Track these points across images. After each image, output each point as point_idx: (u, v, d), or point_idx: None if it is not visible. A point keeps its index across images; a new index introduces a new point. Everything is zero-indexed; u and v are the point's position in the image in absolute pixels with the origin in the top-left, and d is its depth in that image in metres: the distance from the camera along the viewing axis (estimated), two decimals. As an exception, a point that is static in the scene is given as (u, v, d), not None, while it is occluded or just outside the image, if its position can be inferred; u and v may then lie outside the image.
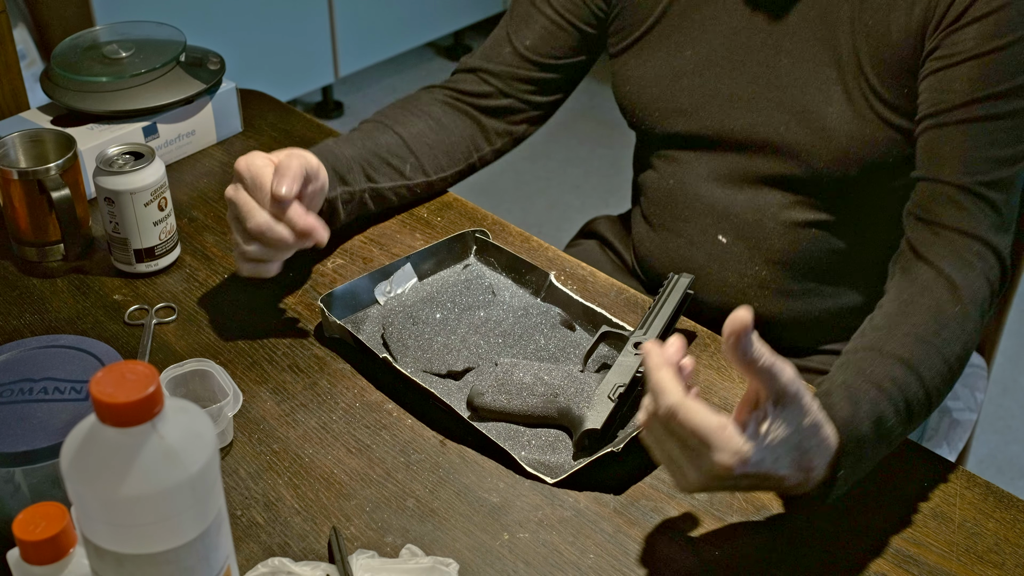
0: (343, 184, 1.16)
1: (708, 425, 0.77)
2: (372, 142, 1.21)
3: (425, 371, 1.04)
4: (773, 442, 0.79)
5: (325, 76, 3.21)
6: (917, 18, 1.04)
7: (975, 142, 1.01)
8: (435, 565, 0.83)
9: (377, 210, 1.23)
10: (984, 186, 1.00)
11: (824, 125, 1.10)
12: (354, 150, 1.18)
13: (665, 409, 0.78)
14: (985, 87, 1.00)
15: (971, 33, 1.00)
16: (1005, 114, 1.00)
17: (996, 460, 2.21)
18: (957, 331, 0.95)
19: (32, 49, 2.58)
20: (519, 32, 1.25)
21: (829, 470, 0.84)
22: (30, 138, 1.21)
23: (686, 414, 0.78)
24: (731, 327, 0.76)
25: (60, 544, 0.72)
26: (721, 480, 0.80)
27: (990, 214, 1.00)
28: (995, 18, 0.99)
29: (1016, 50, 0.99)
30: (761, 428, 0.79)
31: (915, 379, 0.91)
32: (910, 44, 1.05)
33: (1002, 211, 1.01)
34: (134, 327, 1.11)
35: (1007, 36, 0.99)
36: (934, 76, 1.03)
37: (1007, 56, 0.99)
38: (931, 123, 1.03)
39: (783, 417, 0.79)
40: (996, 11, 0.99)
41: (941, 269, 0.98)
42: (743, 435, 0.78)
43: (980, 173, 1.00)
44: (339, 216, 1.16)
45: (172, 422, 0.64)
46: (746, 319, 0.75)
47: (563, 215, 2.87)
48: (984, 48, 1.00)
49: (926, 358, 0.92)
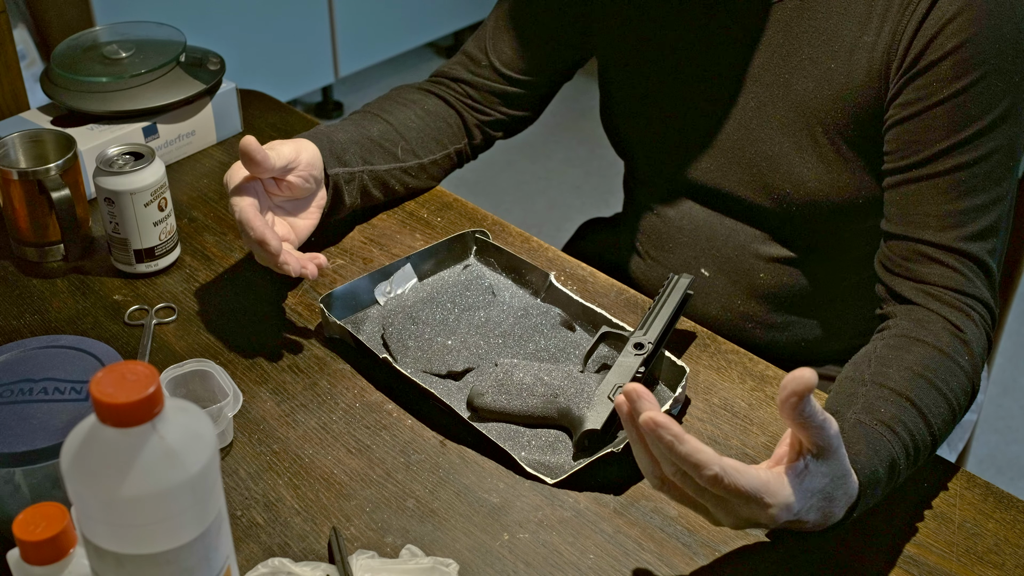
0: (342, 165, 1.16)
1: (758, 485, 0.76)
2: (362, 128, 1.21)
3: (425, 371, 1.04)
4: (808, 492, 0.79)
5: (325, 76, 3.21)
6: (878, 59, 1.01)
7: (950, 195, 0.97)
8: (435, 565, 0.83)
9: (381, 197, 1.23)
10: (965, 241, 0.97)
11: (791, 171, 1.08)
12: (346, 135, 1.19)
13: (709, 478, 0.74)
14: (953, 134, 0.96)
15: (932, 79, 0.97)
16: (978, 159, 0.96)
17: (996, 460, 2.21)
18: (957, 371, 0.93)
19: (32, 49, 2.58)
20: (497, 47, 1.25)
21: (845, 512, 0.83)
22: (30, 138, 1.21)
23: (734, 480, 0.75)
24: (793, 388, 0.73)
25: (60, 544, 0.72)
26: (757, 524, 0.79)
27: (974, 268, 0.98)
28: (953, 60, 0.95)
29: (980, 88, 0.96)
30: (803, 480, 0.78)
31: (923, 423, 0.89)
32: (873, 87, 1.02)
33: (987, 262, 0.98)
34: (134, 327, 1.11)
35: (969, 76, 0.95)
36: (900, 127, 0.99)
37: (971, 97, 0.96)
38: (900, 178, 1.00)
39: (822, 471, 0.79)
40: (954, 51, 0.95)
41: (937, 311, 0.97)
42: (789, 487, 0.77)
43: (959, 227, 0.97)
44: (344, 197, 1.16)
45: (172, 422, 0.64)
46: (811, 381, 0.72)
47: (563, 215, 2.87)
48: (948, 92, 0.96)
49: (932, 403, 0.90)
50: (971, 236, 0.98)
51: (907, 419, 0.88)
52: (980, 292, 0.98)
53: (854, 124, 1.04)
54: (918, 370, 0.92)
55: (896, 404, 0.89)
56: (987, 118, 0.96)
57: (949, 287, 0.98)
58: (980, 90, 0.96)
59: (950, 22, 0.96)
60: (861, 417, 0.87)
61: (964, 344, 0.95)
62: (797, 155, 1.08)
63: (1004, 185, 0.99)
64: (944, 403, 0.91)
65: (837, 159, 1.06)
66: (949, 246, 0.98)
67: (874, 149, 1.04)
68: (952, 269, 0.98)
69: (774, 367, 1.05)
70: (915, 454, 0.88)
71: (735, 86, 1.11)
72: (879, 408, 0.88)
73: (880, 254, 1.03)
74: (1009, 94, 0.97)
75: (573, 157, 3.13)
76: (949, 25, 0.96)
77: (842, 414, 0.88)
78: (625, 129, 1.23)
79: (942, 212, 0.98)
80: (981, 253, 0.98)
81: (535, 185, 3.03)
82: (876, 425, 0.86)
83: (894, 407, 0.88)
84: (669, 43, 1.14)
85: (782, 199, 1.10)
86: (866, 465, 0.83)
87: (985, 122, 0.96)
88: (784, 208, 1.10)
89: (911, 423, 0.88)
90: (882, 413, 0.88)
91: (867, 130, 1.04)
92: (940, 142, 0.97)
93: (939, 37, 0.96)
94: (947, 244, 0.98)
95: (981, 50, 0.95)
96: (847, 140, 1.05)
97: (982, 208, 0.98)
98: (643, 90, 1.18)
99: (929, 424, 0.89)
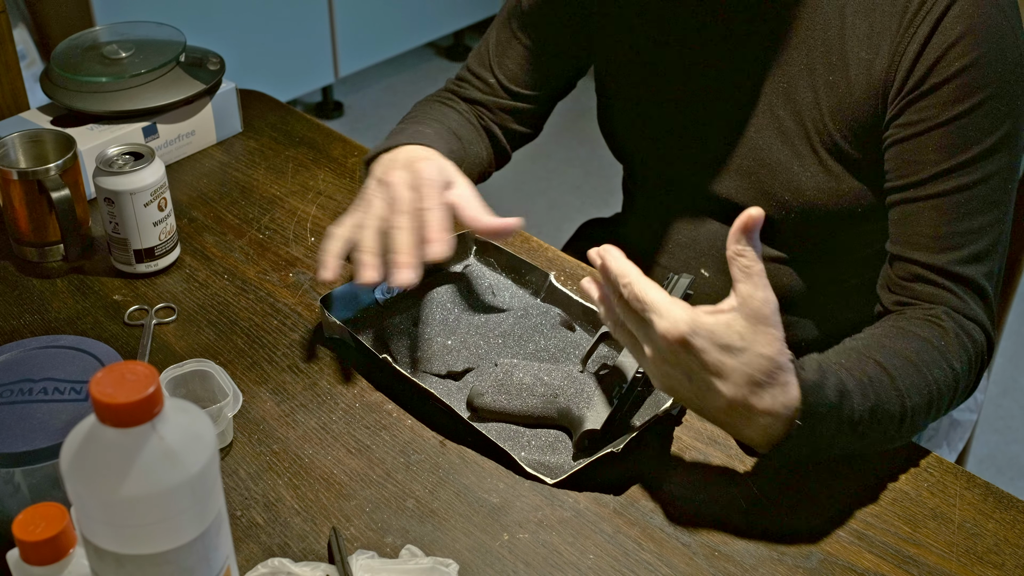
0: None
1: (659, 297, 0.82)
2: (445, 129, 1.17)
3: (425, 371, 1.04)
4: (718, 331, 0.80)
5: (325, 76, 3.21)
6: (877, 78, 1.00)
7: (947, 216, 0.97)
8: (435, 566, 0.83)
9: None
10: (960, 264, 0.97)
11: (790, 179, 1.08)
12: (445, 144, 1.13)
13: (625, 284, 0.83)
14: (954, 156, 0.96)
15: (934, 101, 0.96)
16: (976, 182, 0.96)
17: (996, 460, 2.21)
18: (941, 362, 0.93)
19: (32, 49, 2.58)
20: (502, 63, 1.24)
21: (785, 425, 0.82)
22: (30, 138, 1.21)
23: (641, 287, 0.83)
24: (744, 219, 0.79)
25: (60, 544, 0.72)
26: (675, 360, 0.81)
27: (968, 292, 0.98)
28: (957, 83, 0.95)
29: (982, 111, 0.95)
30: (714, 317, 0.81)
31: (891, 384, 0.88)
32: (871, 104, 1.01)
33: (982, 285, 0.98)
34: (134, 327, 1.11)
35: (972, 99, 0.95)
36: (900, 146, 0.99)
37: (974, 120, 0.96)
38: (900, 197, 1.00)
39: (738, 330, 0.80)
40: (958, 75, 0.95)
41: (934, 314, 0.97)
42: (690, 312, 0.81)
43: (955, 250, 0.97)
44: None
45: (172, 423, 0.64)
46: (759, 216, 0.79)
47: (563, 215, 2.87)
48: (950, 114, 0.96)
49: (906, 373, 0.90)
50: (967, 259, 0.97)
51: (872, 373, 0.88)
52: (975, 314, 0.98)
53: (852, 135, 1.04)
54: (894, 347, 0.92)
55: (861, 361, 0.89)
56: (987, 141, 0.96)
57: (945, 307, 0.98)
58: (982, 113, 0.96)
59: (953, 45, 0.95)
60: (823, 358, 0.88)
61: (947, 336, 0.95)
62: (796, 163, 1.08)
63: (1002, 208, 0.98)
64: (918, 376, 0.90)
65: (835, 168, 1.06)
66: (944, 268, 0.97)
67: (872, 160, 1.04)
68: (947, 291, 0.98)
69: (774, 367, 1.05)
70: (875, 407, 0.87)
71: (734, 93, 1.11)
72: (843, 358, 0.89)
73: (882, 274, 1.03)
74: (1010, 117, 0.97)
75: (573, 157, 3.13)
76: (953, 49, 0.95)
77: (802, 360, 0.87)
78: (623, 134, 1.23)
79: (939, 233, 0.98)
80: (977, 276, 0.98)
81: (535, 185, 3.03)
82: (834, 365, 0.87)
83: (859, 362, 0.89)
84: (668, 50, 1.14)
85: (780, 206, 1.10)
86: (813, 384, 0.83)
87: (985, 145, 0.96)
88: (782, 214, 1.11)
89: (876, 378, 0.88)
90: (844, 363, 0.88)
91: (864, 142, 1.04)
92: (939, 163, 0.97)
93: (943, 60, 0.96)
94: (942, 266, 0.98)
95: (984, 73, 0.95)
96: (845, 150, 1.05)
97: (979, 231, 0.97)
98: (641, 96, 1.18)
99: (896, 386, 0.89)
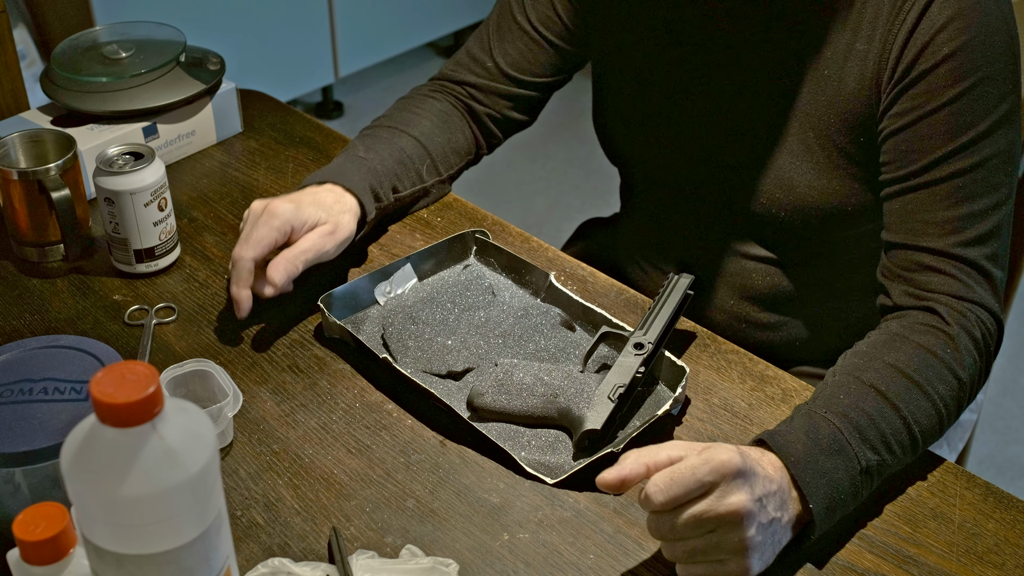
0: (377, 201, 1.16)
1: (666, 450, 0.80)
2: (398, 150, 1.21)
3: (425, 371, 1.04)
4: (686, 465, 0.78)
5: (325, 76, 3.21)
6: (871, 69, 1.01)
7: (949, 202, 0.97)
8: (435, 565, 0.83)
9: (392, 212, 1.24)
10: (963, 246, 0.97)
11: (782, 177, 1.08)
12: (386, 164, 1.18)
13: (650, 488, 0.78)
14: (949, 141, 0.96)
15: (925, 87, 0.97)
16: (975, 165, 0.96)
17: (996, 460, 2.21)
18: (944, 373, 0.93)
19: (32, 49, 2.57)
20: (502, 48, 1.25)
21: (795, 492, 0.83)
22: (30, 138, 1.21)
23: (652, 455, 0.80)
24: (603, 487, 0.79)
25: (60, 544, 0.72)
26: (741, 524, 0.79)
27: (973, 274, 0.97)
28: (946, 68, 0.96)
29: (975, 95, 0.96)
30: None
31: (895, 415, 0.89)
32: (865, 96, 1.02)
33: (986, 267, 0.98)
34: (134, 327, 1.11)
35: (963, 83, 0.95)
36: (896, 137, 0.99)
37: (967, 104, 0.96)
38: (899, 187, 1.00)
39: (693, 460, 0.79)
40: (947, 59, 0.95)
41: (936, 313, 0.97)
42: None
43: (957, 233, 0.97)
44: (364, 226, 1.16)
45: (172, 422, 0.64)
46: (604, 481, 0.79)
47: (563, 215, 2.87)
48: (942, 100, 0.96)
49: (909, 397, 0.90)
50: (970, 241, 0.97)
51: (870, 408, 0.89)
52: (980, 297, 0.97)
53: (845, 131, 1.04)
54: (897, 365, 0.92)
55: (859, 393, 0.89)
56: (982, 124, 0.96)
57: (948, 293, 0.97)
58: (975, 97, 0.96)
59: (941, 30, 0.96)
60: (812, 407, 0.89)
61: (952, 343, 0.94)
62: (788, 161, 1.08)
63: (1003, 191, 0.98)
64: (923, 398, 0.91)
65: (828, 165, 1.06)
66: (947, 252, 0.97)
67: (865, 157, 1.04)
68: (950, 276, 0.97)
69: (774, 367, 1.05)
70: (881, 441, 0.88)
71: (727, 92, 1.11)
72: (840, 393, 0.90)
73: (881, 264, 1.03)
74: (1004, 100, 0.97)
75: (573, 157, 3.13)
76: (940, 33, 0.96)
77: (799, 407, 0.90)
78: (618, 135, 1.23)
79: (941, 219, 0.98)
80: (980, 259, 0.98)
81: (535, 185, 3.03)
82: (824, 412, 0.88)
83: (856, 397, 0.89)
84: (663, 50, 1.14)
85: (772, 204, 1.10)
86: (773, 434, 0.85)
87: (981, 128, 0.96)
88: (774, 213, 1.11)
89: (876, 412, 0.88)
90: (844, 398, 0.89)
91: (858, 137, 1.04)
92: (937, 150, 0.97)
93: (931, 46, 0.96)
94: (945, 250, 0.97)
95: (973, 57, 0.95)
96: (838, 147, 1.05)
97: (981, 214, 0.97)
98: (636, 96, 1.19)
99: (902, 415, 0.89)
